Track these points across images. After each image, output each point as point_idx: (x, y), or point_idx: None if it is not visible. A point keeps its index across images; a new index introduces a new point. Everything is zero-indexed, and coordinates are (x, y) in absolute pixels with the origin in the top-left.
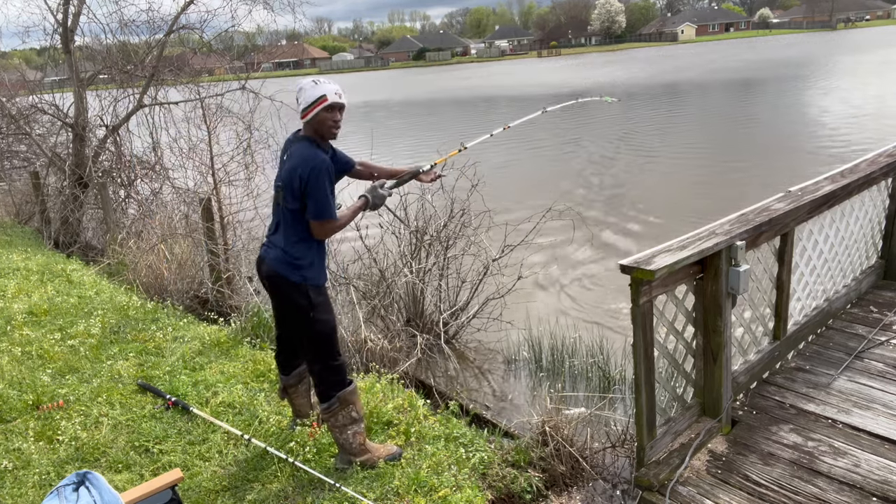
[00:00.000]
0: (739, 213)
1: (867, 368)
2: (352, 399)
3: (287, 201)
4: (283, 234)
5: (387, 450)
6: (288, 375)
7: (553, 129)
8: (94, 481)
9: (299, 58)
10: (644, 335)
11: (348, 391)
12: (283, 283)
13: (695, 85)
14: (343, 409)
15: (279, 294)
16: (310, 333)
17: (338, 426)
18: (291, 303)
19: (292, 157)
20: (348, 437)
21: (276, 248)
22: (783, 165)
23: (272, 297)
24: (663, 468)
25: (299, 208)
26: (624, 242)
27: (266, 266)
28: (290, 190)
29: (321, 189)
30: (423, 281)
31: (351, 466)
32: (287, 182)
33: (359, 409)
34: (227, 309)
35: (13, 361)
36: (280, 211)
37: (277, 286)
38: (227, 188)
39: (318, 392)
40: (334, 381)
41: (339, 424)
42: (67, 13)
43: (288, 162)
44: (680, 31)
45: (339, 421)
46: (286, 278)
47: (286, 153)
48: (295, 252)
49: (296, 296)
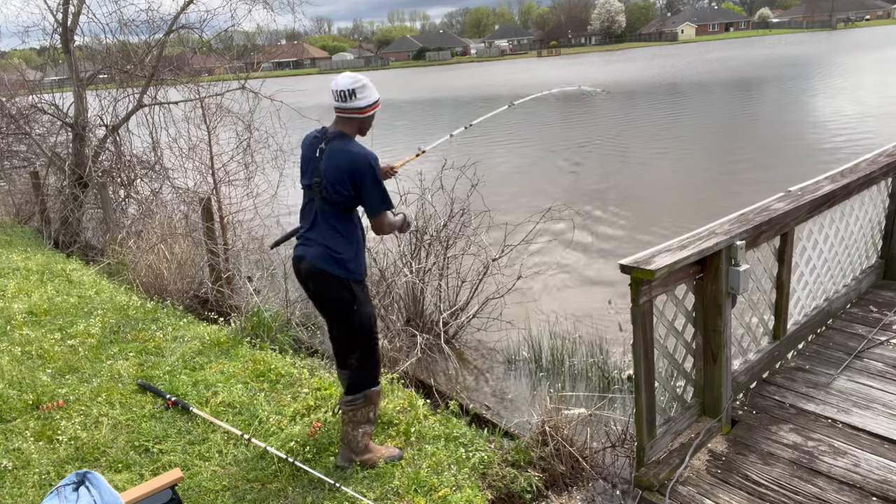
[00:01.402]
0: (739, 212)
1: (867, 368)
2: (375, 400)
3: (330, 196)
4: (322, 230)
5: (388, 451)
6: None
7: (552, 129)
8: (94, 481)
9: (299, 57)
10: (644, 335)
11: (375, 391)
12: (326, 278)
13: (696, 84)
14: (365, 406)
15: (322, 290)
16: (352, 327)
17: (354, 421)
18: (335, 297)
19: (336, 155)
20: (357, 436)
21: (316, 244)
22: (783, 165)
23: (315, 295)
24: (663, 468)
25: (345, 203)
26: (624, 242)
27: (307, 263)
28: (341, 185)
29: (381, 182)
30: (422, 281)
31: (351, 465)
32: (336, 179)
33: (377, 411)
34: (227, 309)
35: (13, 361)
36: (317, 207)
37: (321, 282)
38: (227, 188)
39: (349, 384)
40: (368, 377)
41: (356, 420)
42: (67, 13)
43: (331, 159)
44: (680, 31)
45: (358, 417)
46: (330, 273)
47: (319, 150)
48: (337, 247)
49: (339, 290)
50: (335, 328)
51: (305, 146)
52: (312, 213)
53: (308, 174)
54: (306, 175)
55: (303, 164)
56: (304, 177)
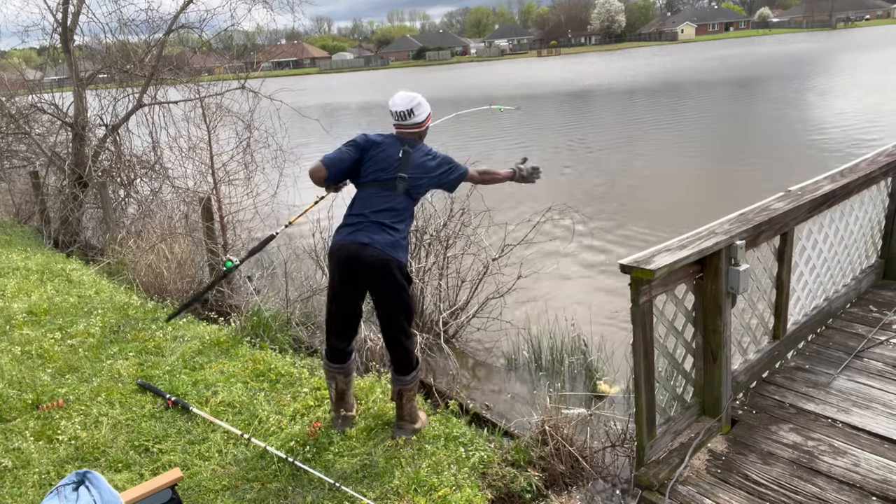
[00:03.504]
0: (739, 212)
1: (867, 368)
2: (419, 373)
3: (412, 191)
4: (394, 220)
5: (424, 416)
6: (345, 363)
7: (551, 129)
8: (94, 481)
9: (299, 57)
10: (644, 335)
11: (421, 364)
12: (392, 263)
13: (696, 83)
14: (417, 380)
15: (385, 276)
16: (406, 308)
17: (411, 395)
18: (397, 282)
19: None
20: (413, 406)
21: (383, 232)
22: (783, 164)
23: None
24: (663, 467)
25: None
26: (623, 242)
27: (371, 250)
28: (424, 183)
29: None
30: (422, 280)
31: (415, 434)
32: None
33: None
34: (227, 308)
35: (13, 361)
36: (393, 199)
37: (387, 267)
38: (227, 187)
39: (401, 365)
40: (415, 354)
41: (412, 394)
42: (67, 12)
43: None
44: (680, 31)
45: (414, 391)
46: (397, 259)
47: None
48: (402, 235)
49: (400, 275)
50: (390, 311)
51: (383, 146)
52: (386, 203)
53: (389, 170)
54: (387, 170)
55: (380, 161)
56: (385, 172)
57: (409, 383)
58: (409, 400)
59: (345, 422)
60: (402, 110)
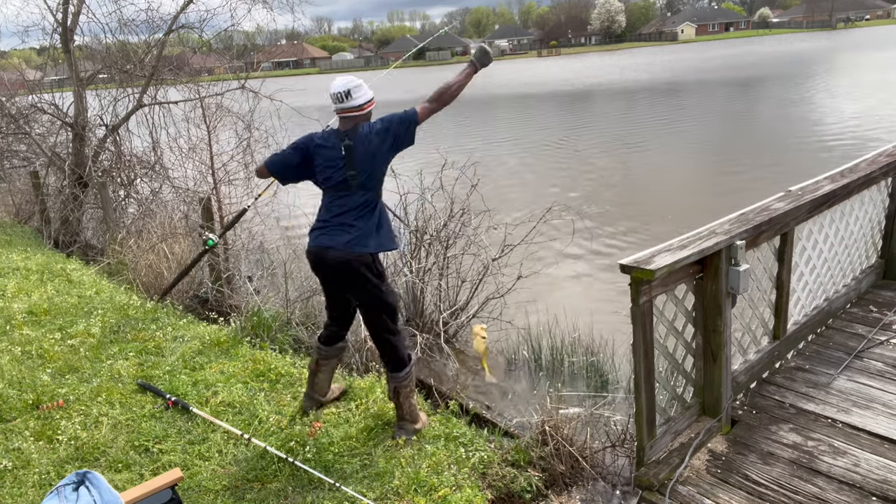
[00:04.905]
0: (739, 212)
1: (867, 368)
2: (413, 368)
3: (367, 183)
4: (356, 218)
5: (424, 416)
6: (330, 346)
7: (550, 129)
8: (94, 481)
9: (299, 57)
10: (644, 335)
11: (414, 360)
12: (355, 262)
13: (696, 83)
14: (411, 375)
15: (351, 274)
16: (382, 304)
17: (407, 393)
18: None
19: (362, 142)
20: (412, 404)
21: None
22: (784, 164)
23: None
24: (663, 468)
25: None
26: (623, 242)
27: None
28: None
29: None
30: (422, 280)
31: (415, 434)
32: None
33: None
34: (227, 308)
35: (13, 361)
36: (349, 199)
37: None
38: (227, 187)
39: (392, 363)
40: (405, 350)
41: (409, 391)
42: (67, 12)
43: (359, 148)
44: (680, 31)
45: (410, 388)
46: (361, 255)
47: (342, 147)
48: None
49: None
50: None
51: (326, 146)
52: (343, 206)
53: (338, 171)
54: (336, 171)
55: (327, 162)
56: (334, 173)
57: (403, 380)
58: (406, 397)
59: (310, 401)
60: (340, 91)
